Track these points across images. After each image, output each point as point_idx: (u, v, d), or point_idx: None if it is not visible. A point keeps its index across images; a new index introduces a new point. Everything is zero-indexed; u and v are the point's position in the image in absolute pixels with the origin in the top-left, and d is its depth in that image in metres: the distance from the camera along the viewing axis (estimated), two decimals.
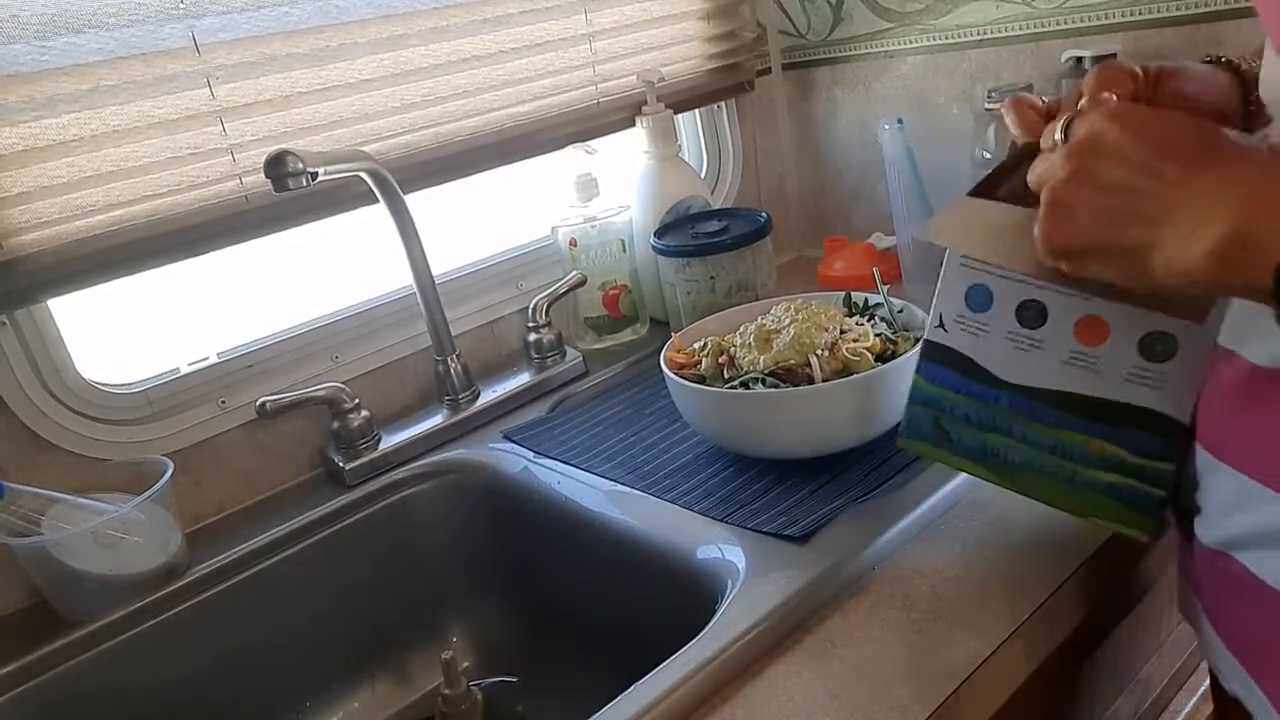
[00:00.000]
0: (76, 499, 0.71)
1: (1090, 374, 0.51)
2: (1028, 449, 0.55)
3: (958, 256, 0.55)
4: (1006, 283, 0.53)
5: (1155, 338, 0.49)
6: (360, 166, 0.79)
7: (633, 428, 0.84)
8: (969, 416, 0.56)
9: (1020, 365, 0.54)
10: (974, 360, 0.55)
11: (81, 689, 0.69)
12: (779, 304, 0.78)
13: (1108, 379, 0.51)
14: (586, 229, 1.01)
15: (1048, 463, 0.54)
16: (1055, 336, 0.52)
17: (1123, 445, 0.51)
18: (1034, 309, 0.52)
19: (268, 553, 0.78)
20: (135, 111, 0.73)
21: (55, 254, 0.71)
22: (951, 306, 0.56)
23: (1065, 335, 0.52)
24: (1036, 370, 0.53)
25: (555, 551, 0.79)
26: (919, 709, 0.48)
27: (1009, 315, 0.53)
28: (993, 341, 0.54)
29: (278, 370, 0.86)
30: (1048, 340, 0.52)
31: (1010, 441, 0.55)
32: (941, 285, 0.56)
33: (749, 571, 0.60)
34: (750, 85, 1.18)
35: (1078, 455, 0.53)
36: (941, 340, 0.57)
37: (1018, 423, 0.54)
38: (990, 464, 0.57)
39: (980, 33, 1.01)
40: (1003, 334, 0.54)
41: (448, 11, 0.89)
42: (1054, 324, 0.52)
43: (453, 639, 0.88)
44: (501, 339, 1.02)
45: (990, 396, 0.55)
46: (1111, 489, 0.52)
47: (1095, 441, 0.52)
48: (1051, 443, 0.53)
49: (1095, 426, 0.52)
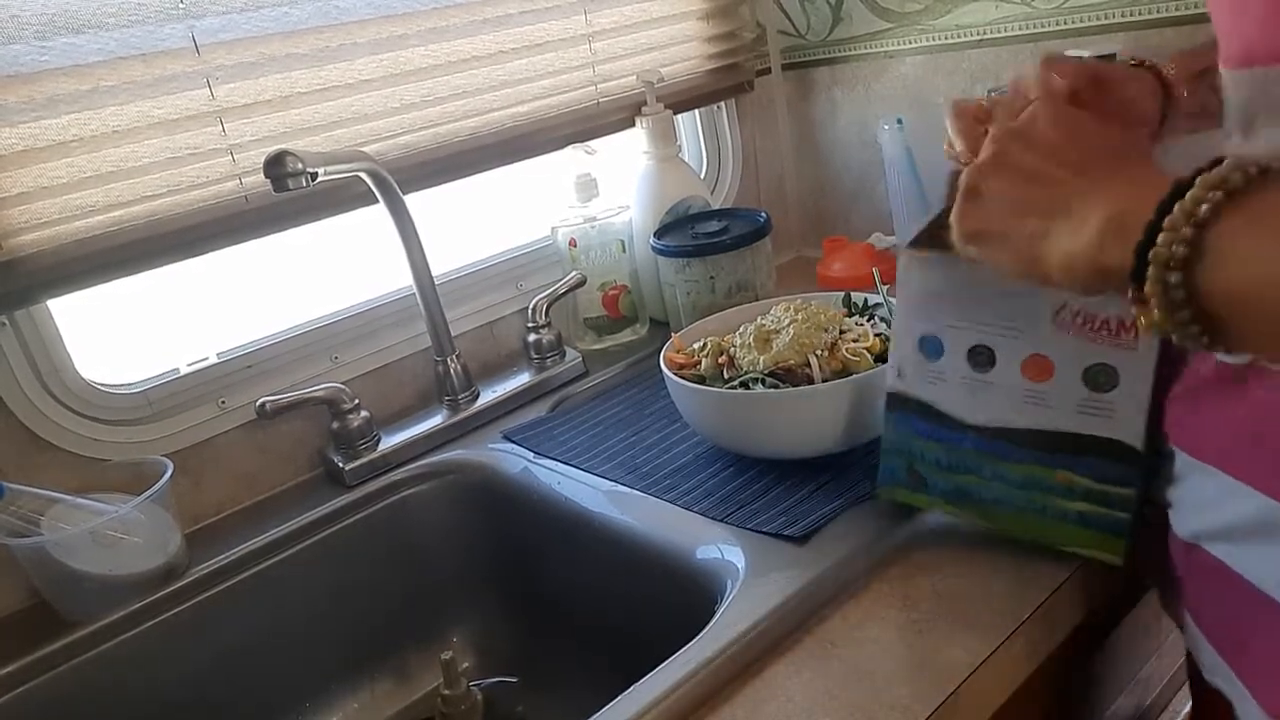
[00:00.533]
0: (76, 499, 0.71)
1: (1044, 409, 0.53)
2: (999, 486, 0.56)
3: (906, 309, 0.57)
4: (955, 330, 0.55)
5: (1097, 369, 0.50)
6: (360, 167, 0.79)
7: (632, 428, 0.84)
8: (939, 461, 0.58)
9: (979, 407, 0.55)
10: (935, 407, 0.57)
11: (81, 689, 0.69)
12: (779, 304, 0.78)
13: (1061, 412, 0.52)
14: (586, 229, 1.01)
15: (1019, 498, 0.55)
16: (1006, 377, 0.54)
17: (1085, 474, 0.52)
18: (983, 353, 0.54)
19: (267, 553, 0.78)
20: (135, 112, 0.73)
21: (55, 254, 0.71)
22: (907, 357, 0.58)
23: (1014, 375, 0.53)
24: (995, 410, 0.55)
25: (555, 552, 0.79)
26: (919, 709, 0.48)
27: (961, 361, 0.55)
28: (950, 387, 0.56)
29: (277, 370, 0.86)
30: (1000, 381, 0.54)
31: (981, 481, 0.57)
32: (895, 337, 0.58)
33: (749, 572, 0.60)
34: (750, 85, 1.18)
35: (1045, 487, 0.54)
36: (902, 389, 0.59)
37: (986, 462, 0.56)
38: (965, 504, 0.58)
39: (980, 33, 1.01)
40: (958, 379, 0.56)
41: (447, 12, 0.89)
42: (1003, 365, 0.54)
43: (453, 639, 0.88)
44: (501, 339, 1.02)
45: (956, 439, 0.57)
46: (1081, 517, 0.54)
47: (1060, 473, 0.53)
48: (1020, 478, 0.55)
49: (1058, 458, 0.53)
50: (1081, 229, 0.39)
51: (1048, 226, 0.41)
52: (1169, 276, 0.34)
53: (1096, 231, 0.38)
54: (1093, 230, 0.38)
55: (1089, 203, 0.39)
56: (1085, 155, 0.42)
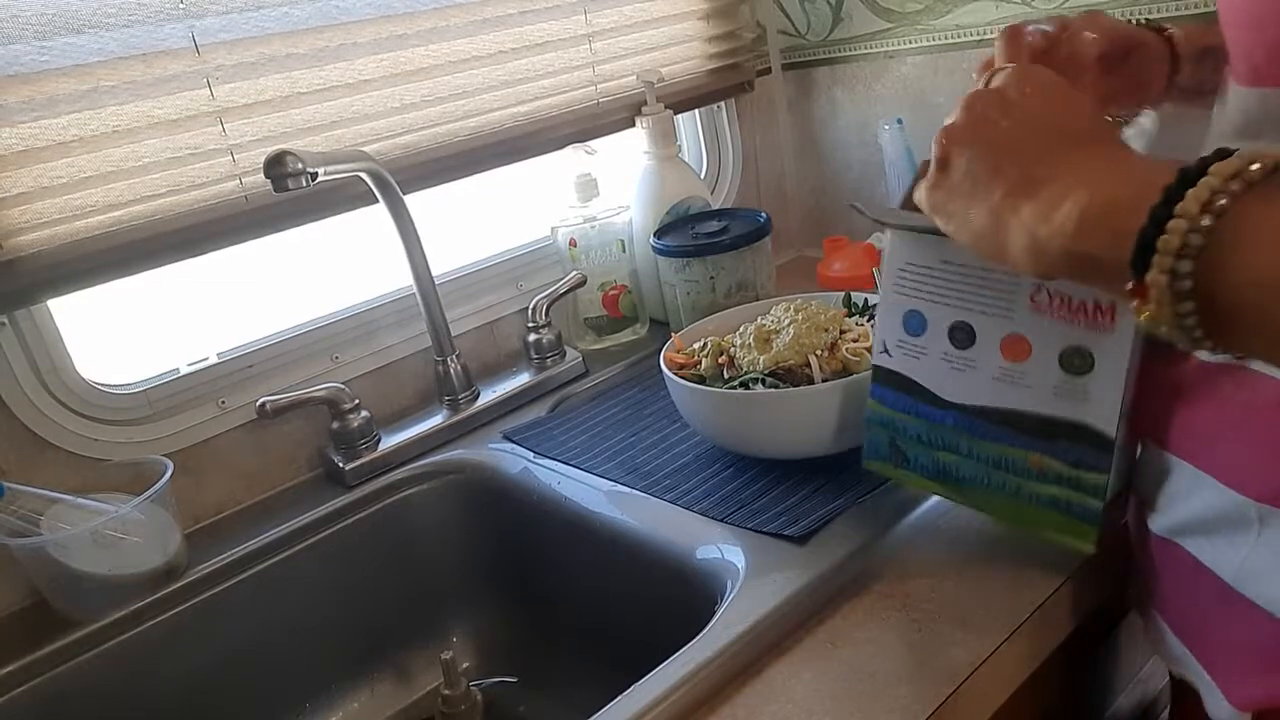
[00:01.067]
0: (76, 499, 0.71)
1: (1021, 389, 0.53)
2: (976, 465, 0.56)
3: (891, 285, 0.57)
4: (938, 307, 0.55)
5: (1073, 352, 0.50)
6: (360, 167, 0.79)
7: (632, 428, 0.84)
8: (920, 436, 0.58)
9: (959, 385, 0.55)
10: (917, 382, 0.58)
11: (81, 689, 0.69)
12: (779, 304, 0.78)
13: (1037, 394, 0.52)
14: (586, 229, 1.01)
15: (994, 477, 0.55)
16: (985, 356, 0.54)
17: (1059, 458, 0.52)
18: (964, 330, 0.54)
19: (267, 553, 0.78)
20: (135, 112, 0.73)
21: (55, 254, 0.71)
22: (891, 333, 0.58)
23: (993, 354, 0.53)
24: (974, 389, 0.55)
25: (555, 552, 0.79)
26: (919, 709, 0.48)
27: (942, 338, 0.56)
28: (931, 364, 0.57)
29: (277, 370, 0.86)
30: (979, 360, 0.54)
31: (960, 459, 0.57)
32: (879, 312, 0.59)
33: (749, 572, 0.60)
34: (750, 85, 1.18)
35: (1020, 469, 0.54)
36: (887, 365, 0.59)
37: (964, 440, 0.56)
38: (945, 481, 0.58)
39: (980, 33, 1.01)
40: (939, 356, 0.56)
41: (448, 12, 0.89)
42: (982, 344, 0.54)
43: (453, 639, 0.88)
44: (501, 339, 1.02)
45: (937, 416, 0.57)
46: (1054, 501, 0.53)
47: (1034, 455, 0.53)
48: (996, 458, 0.55)
49: (1033, 441, 0.53)
50: (1052, 214, 0.38)
51: (1016, 205, 0.40)
52: (1180, 266, 0.33)
53: (1072, 217, 0.37)
54: (1067, 216, 0.37)
55: (1061, 185, 0.38)
56: (1063, 127, 0.42)
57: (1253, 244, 0.32)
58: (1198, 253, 0.32)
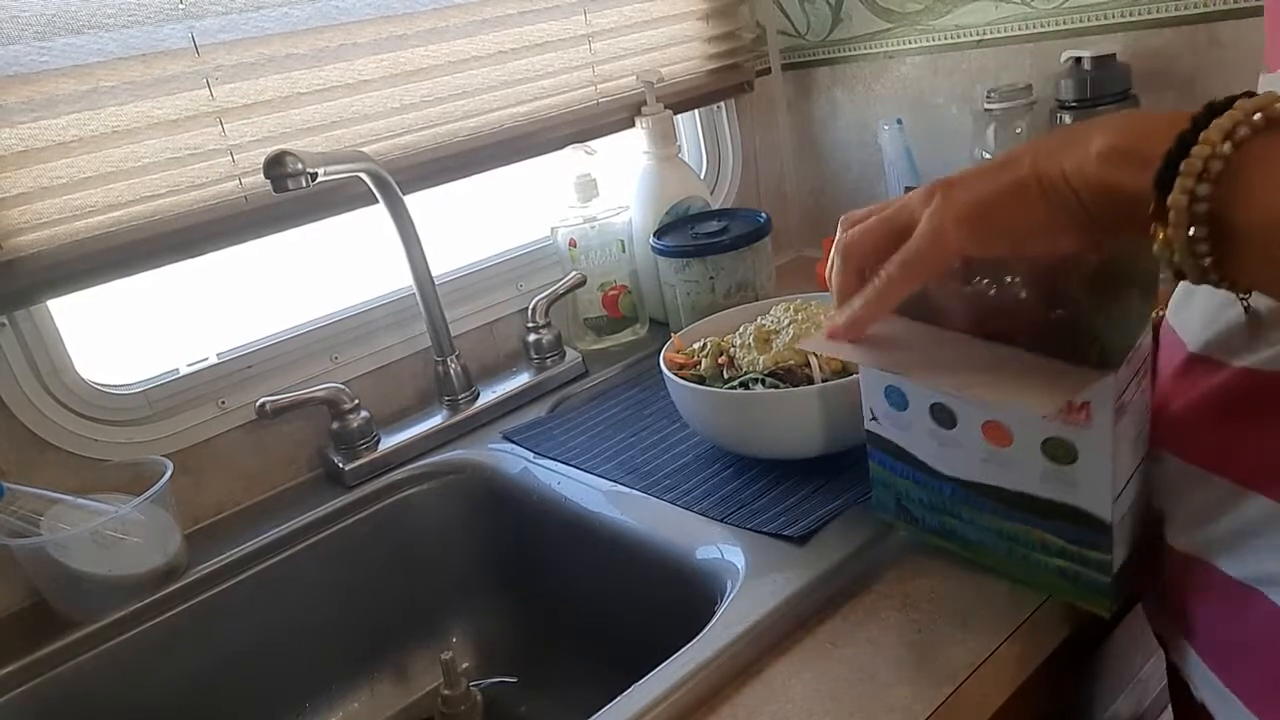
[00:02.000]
0: (76, 499, 0.71)
1: (1010, 471, 0.51)
2: (980, 531, 0.55)
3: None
4: (915, 386, 0.53)
5: (1055, 443, 0.48)
6: (360, 167, 0.79)
7: (632, 428, 0.84)
8: (922, 500, 0.57)
9: (949, 460, 0.54)
10: (909, 452, 0.56)
11: (81, 689, 0.69)
12: (778, 304, 0.78)
13: (1026, 478, 0.50)
14: (586, 229, 1.01)
15: (1001, 545, 0.54)
16: (968, 437, 0.52)
17: (1059, 535, 0.51)
18: (944, 411, 0.52)
19: (267, 553, 0.78)
20: (135, 112, 0.73)
21: (55, 254, 0.71)
22: (877, 403, 0.56)
23: (975, 437, 0.51)
24: (964, 466, 0.53)
25: (555, 552, 0.79)
26: (919, 709, 0.48)
27: (925, 415, 0.54)
28: (919, 437, 0.55)
29: (277, 371, 0.86)
30: (964, 440, 0.52)
31: (964, 524, 0.56)
32: (862, 381, 0.57)
33: (749, 572, 0.60)
34: (750, 86, 1.18)
35: (1024, 540, 0.53)
36: (878, 431, 0.58)
37: (965, 509, 0.55)
38: (953, 541, 0.57)
39: (980, 33, 1.01)
40: (925, 431, 0.54)
41: (447, 12, 0.89)
42: (963, 426, 0.52)
43: (453, 639, 0.88)
44: (501, 339, 1.02)
45: (935, 485, 0.56)
46: (1061, 572, 0.52)
47: (1035, 531, 0.52)
48: (998, 528, 0.54)
49: (1030, 518, 0.52)
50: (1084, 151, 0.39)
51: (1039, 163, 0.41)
52: (1199, 188, 0.34)
53: (1098, 153, 0.38)
54: (1094, 152, 0.38)
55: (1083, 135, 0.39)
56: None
57: (1265, 176, 0.33)
58: (1216, 177, 0.34)
